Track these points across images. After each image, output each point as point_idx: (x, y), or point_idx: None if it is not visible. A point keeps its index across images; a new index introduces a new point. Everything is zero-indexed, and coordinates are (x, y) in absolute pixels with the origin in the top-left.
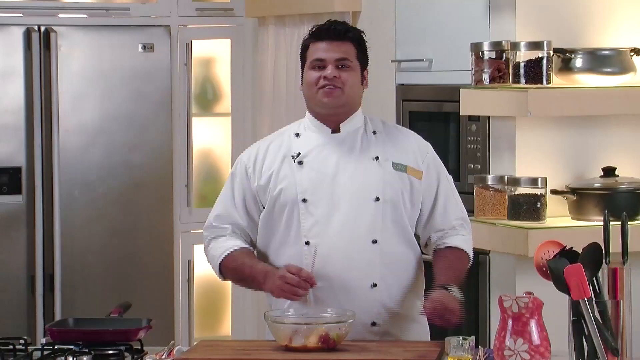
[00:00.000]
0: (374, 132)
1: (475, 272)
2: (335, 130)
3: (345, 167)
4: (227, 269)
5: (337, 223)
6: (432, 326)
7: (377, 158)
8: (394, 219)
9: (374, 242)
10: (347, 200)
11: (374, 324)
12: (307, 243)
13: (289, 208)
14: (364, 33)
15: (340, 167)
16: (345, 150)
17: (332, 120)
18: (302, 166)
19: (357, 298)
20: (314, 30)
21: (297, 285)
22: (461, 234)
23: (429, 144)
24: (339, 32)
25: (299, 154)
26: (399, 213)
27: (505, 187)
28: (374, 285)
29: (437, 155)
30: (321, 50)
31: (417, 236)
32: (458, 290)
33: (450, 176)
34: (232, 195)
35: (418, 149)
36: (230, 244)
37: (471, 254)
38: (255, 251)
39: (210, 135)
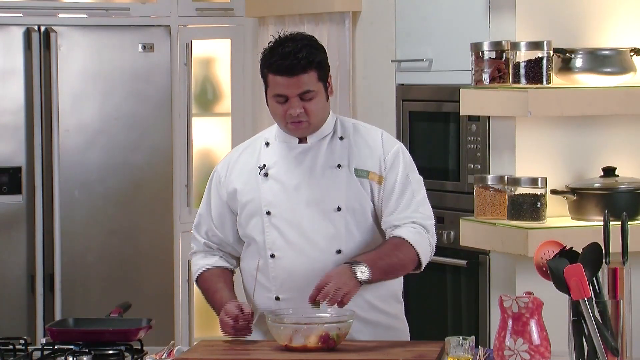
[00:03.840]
0: (341, 138)
1: (475, 272)
2: (303, 139)
3: (308, 178)
4: (200, 288)
5: (299, 235)
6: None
7: (339, 166)
8: (359, 227)
9: (338, 252)
10: (309, 212)
11: None
12: (272, 256)
13: (254, 220)
14: (321, 47)
15: (303, 178)
16: (310, 160)
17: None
18: (267, 178)
19: (325, 309)
20: (270, 60)
21: (235, 327)
22: (410, 227)
23: (396, 142)
24: (298, 67)
25: (265, 165)
26: (364, 220)
27: (505, 187)
28: None
29: (402, 154)
30: (281, 85)
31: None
32: (366, 269)
33: (420, 177)
34: (208, 206)
35: (382, 150)
36: (202, 262)
37: (420, 249)
38: (231, 269)
39: (210, 135)
